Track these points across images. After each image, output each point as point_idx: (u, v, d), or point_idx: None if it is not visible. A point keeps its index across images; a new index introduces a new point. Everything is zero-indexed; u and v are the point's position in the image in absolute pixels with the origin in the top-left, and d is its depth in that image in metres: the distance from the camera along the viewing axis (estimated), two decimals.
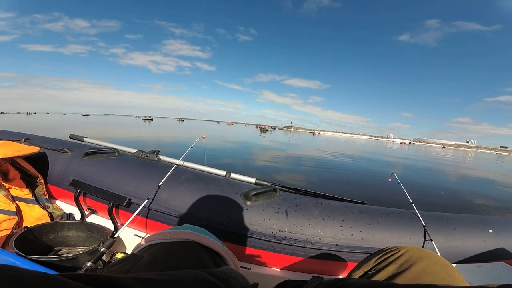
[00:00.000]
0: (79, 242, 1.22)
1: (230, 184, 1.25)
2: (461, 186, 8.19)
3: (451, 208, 4.76)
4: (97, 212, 1.40)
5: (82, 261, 0.95)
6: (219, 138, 19.57)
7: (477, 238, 1.12)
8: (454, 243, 1.10)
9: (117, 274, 0.40)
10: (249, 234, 1.07)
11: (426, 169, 11.93)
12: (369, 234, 1.07)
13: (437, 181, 8.52)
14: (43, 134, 1.92)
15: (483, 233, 1.14)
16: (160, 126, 37.21)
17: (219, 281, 0.37)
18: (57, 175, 1.42)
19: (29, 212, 1.24)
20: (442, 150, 58.82)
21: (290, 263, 1.10)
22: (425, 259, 0.53)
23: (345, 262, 1.08)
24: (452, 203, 5.20)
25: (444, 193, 6.08)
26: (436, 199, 5.33)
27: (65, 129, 16.66)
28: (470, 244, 1.11)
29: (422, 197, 5.15)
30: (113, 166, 1.37)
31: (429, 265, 0.51)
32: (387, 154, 21.10)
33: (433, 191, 6.29)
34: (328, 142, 32.45)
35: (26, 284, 0.18)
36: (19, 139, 1.64)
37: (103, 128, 22.89)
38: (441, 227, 1.14)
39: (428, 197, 5.34)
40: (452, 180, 9.35)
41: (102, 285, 0.22)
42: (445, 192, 6.32)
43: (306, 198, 1.23)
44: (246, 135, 31.50)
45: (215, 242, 0.55)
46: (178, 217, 1.13)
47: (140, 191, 1.21)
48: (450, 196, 5.87)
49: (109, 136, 14.30)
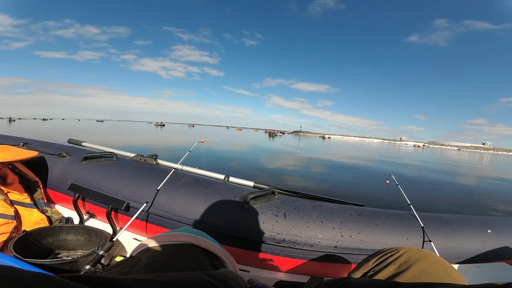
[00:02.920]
0: (77, 246, 1.21)
1: (229, 187, 1.25)
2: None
3: (450, 209, 4.75)
4: (95, 216, 1.39)
5: (81, 265, 0.95)
6: (229, 143, 19.55)
7: (476, 239, 1.12)
8: (453, 243, 1.10)
9: (116, 276, 0.40)
10: (248, 237, 1.07)
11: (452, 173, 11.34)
12: (367, 236, 1.07)
13: (453, 184, 8.27)
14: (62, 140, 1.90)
15: (482, 233, 1.14)
16: (173, 132, 37.22)
17: (218, 282, 0.37)
18: (56, 179, 1.42)
19: (28, 216, 1.24)
20: (457, 153, 57.41)
21: (289, 266, 1.10)
22: (424, 259, 0.53)
23: (344, 264, 1.08)
24: (453, 205, 5.18)
25: (477, 198, 5.90)
26: (434, 199, 5.32)
27: (84, 135, 16.49)
28: (469, 244, 1.11)
29: (421, 198, 5.14)
30: (111, 170, 1.37)
31: (428, 266, 0.51)
32: (401, 157, 20.52)
33: (433, 191, 6.29)
34: (338, 146, 31.84)
35: (24, 284, 0.18)
36: (17, 144, 1.64)
37: (121, 135, 22.67)
38: (439, 228, 1.14)
39: (426, 197, 5.33)
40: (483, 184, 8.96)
41: (100, 285, 0.22)
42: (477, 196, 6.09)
43: (304, 200, 1.23)
44: (255, 139, 31.47)
45: (213, 245, 0.55)
46: (177, 220, 1.13)
47: (138, 195, 1.21)
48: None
49: (133, 143, 13.51)
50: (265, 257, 1.09)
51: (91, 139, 1.98)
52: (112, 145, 1.87)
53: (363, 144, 59.60)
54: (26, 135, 1.94)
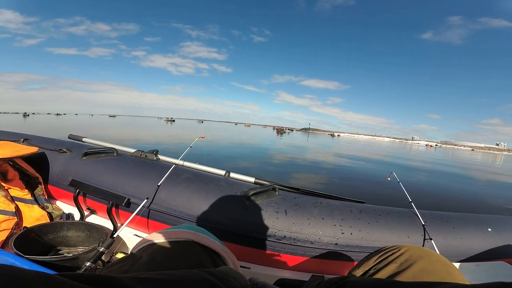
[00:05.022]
0: (78, 242, 1.21)
1: (230, 183, 1.25)
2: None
3: (451, 207, 4.75)
4: (96, 212, 1.40)
5: (81, 261, 0.95)
6: (236, 139, 19.43)
7: (476, 237, 1.12)
8: (453, 242, 1.10)
9: (116, 273, 0.40)
10: (248, 234, 1.07)
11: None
12: (368, 233, 1.07)
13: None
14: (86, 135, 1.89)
15: (482, 232, 1.14)
16: (184, 127, 37.26)
17: (218, 280, 0.37)
18: (56, 175, 1.42)
19: (29, 212, 1.24)
20: (470, 153, 56.11)
21: (290, 263, 1.10)
22: (426, 258, 0.52)
23: (345, 261, 1.08)
24: (454, 204, 5.17)
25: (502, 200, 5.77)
26: (435, 197, 5.32)
27: (98, 131, 16.36)
28: (469, 243, 1.11)
29: (423, 195, 5.14)
30: (112, 166, 1.36)
31: (430, 264, 0.51)
32: (409, 157, 19.70)
33: (434, 189, 6.28)
34: (348, 144, 31.49)
35: (24, 284, 0.17)
36: (17, 140, 1.64)
37: (135, 129, 22.69)
38: (440, 226, 1.14)
39: (427, 195, 5.33)
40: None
41: (100, 284, 0.22)
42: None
43: (305, 197, 1.23)
44: (263, 136, 31.32)
45: (214, 242, 0.54)
46: (177, 216, 1.13)
47: (139, 191, 1.21)
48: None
49: (147, 139, 12.74)
50: (266, 254, 1.09)
51: (106, 134, 1.97)
52: (127, 140, 1.86)
53: (373, 143, 58.70)
54: (43, 131, 1.94)
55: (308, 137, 53.62)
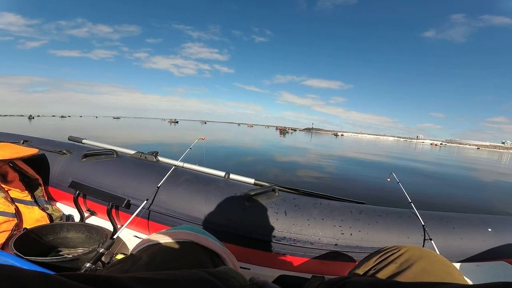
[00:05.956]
0: (78, 243, 1.21)
1: (229, 185, 1.25)
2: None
3: (451, 208, 4.74)
4: (96, 214, 1.40)
5: (81, 262, 0.95)
6: (240, 141, 19.40)
7: (476, 237, 1.12)
8: (453, 242, 1.10)
9: (116, 274, 0.40)
10: (248, 235, 1.07)
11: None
12: (368, 233, 1.07)
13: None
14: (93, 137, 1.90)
15: (482, 232, 1.14)
16: (187, 128, 37.23)
17: (217, 280, 0.37)
18: (56, 177, 1.42)
19: (29, 213, 1.24)
20: (476, 152, 55.37)
21: (290, 263, 1.10)
22: (425, 258, 0.52)
23: (345, 262, 1.08)
24: (454, 204, 5.15)
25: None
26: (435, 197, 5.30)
27: (104, 133, 16.42)
28: (469, 243, 1.10)
29: (422, 196, 5.13)
30: (112, 167, 1.37)
31: (430, 264, 0.51)
32: (413, 157, 18.88)
33: (434, 190, 6.27)
34: (351, 144, 31.30)
35: (24, 283, 0.18)
36: (17, 141, 1.64)
37: (143, 131, 22.65)
38: (440, 226, 1.14)
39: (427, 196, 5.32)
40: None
41: (100, 284, 0.22)
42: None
43: (305, 198, 1.23)
44: (267, 137, 31.28)
45: (213, 242, 0.54)
46: (177, 218, 1.13)
47: (139, 192, 1.21)
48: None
49: (154, 140, 12.80)
50: (266, 255, 1.09)
51: (113, 136, 1.98)
52: (135, 142, 1.87)
53: (377, 142, 58.13)
54: (52, 134, 1.95)
55: (312, 137, 53.47)
